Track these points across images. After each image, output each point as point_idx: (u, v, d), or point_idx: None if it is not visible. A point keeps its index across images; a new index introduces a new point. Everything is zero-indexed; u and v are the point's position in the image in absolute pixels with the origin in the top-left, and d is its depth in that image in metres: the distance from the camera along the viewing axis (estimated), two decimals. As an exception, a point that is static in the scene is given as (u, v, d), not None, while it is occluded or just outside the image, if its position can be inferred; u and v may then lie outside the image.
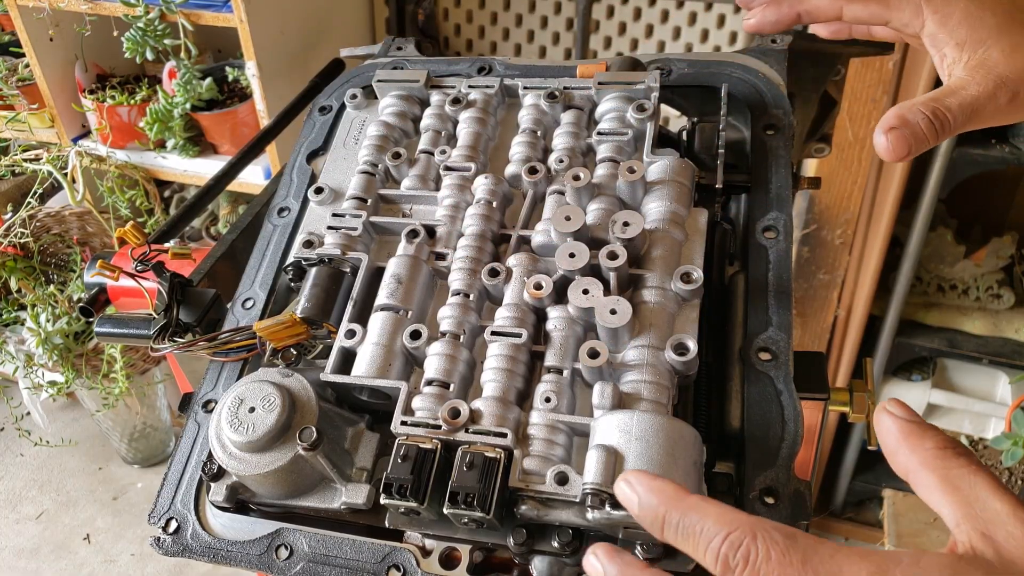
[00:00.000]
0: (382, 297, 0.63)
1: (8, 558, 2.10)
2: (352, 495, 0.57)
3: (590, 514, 0.49)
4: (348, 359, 0.62)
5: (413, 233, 0.66)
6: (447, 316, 0.61)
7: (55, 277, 1.93)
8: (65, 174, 1.88)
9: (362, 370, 0.60)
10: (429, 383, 0.58)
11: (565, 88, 0.73)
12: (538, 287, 0.59)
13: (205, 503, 0.60)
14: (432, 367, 0.58)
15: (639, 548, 0.51)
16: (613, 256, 0.58)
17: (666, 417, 0.50)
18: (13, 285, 1.85)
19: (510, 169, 0.70)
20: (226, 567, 0.58)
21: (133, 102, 1.91)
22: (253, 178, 1.88)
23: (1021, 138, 1.43)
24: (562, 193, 0.66)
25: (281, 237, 0.72)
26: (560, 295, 0.60)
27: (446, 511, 0.51)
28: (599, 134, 0.69)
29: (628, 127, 0.69)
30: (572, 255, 0.59)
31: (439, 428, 0.55)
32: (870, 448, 0.71)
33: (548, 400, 0.55)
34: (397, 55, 0.89)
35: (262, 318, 0.67)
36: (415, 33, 2.01)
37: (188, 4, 1.66)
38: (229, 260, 0.81)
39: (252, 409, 0.56)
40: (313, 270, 0.67)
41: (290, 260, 0.69)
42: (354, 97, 0.80)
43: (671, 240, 0.61)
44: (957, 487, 0.38)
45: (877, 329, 1.71)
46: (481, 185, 0.68)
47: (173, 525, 0.60)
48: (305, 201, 0.74)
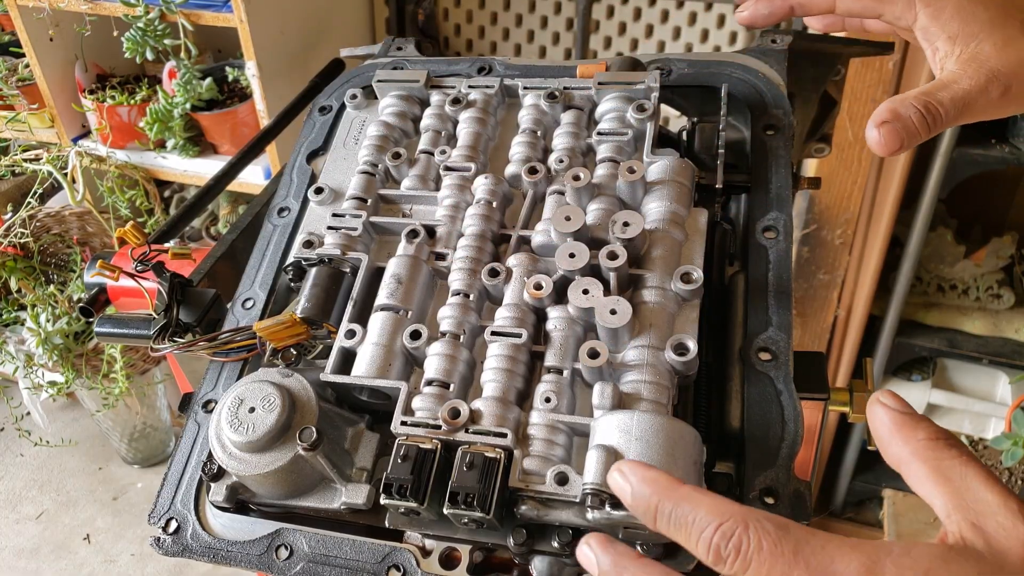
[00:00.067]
0: (382, 297, 0.63)
1: (8, 558, 2.10)
2: (352, 495, 0.57)
3: (590, 514, 0.49)
4: (348, 359, 0.62)
5: (413, 233, 0.66)
6: (447, 316, 0.61)
7: (55, 277, 1.93)
8: (65, 174, 1.88)
9: (362, 370, 0.60)
10: (429, 383, 0.58)
11: (565, 88, 0.73)
12: (538, 287, 0.59)
13: (205, 503, 0.60)
14: (432, 367, 0.58)
15: (640, 548, 0.51)
16: (613, 256, 0.58)
17: (666, 417, 0.50)
18: (13, 285, 1.85)
19: (510, 169, 0.70)
20: (226, 567, 0.58)
21: (133, 102, 1.91)
22: (253, 178, 1.88)
23: (1021, 138, 1.43)
24: (562, 193, 0.66)
25: (281, 237, 0.72)
26: (560, 295, 0.60)
27: (446, 511, 0.51)
28: (599, 134, 0.69)
29: (628, 127, 0.69)
30: (572, 255, 0.59)
31: (439, 428, 0.55)
32: (870, 448, 0.71)
33: (548, 400, 0.55)
34: (397, 55, 0.89)
35: (262, 318, 0.67)
36: (415, 33, 2.01)
37: (188, 4, 1.66)
38: (229, 260, 0.81)
39: (252, 409, 0.56)
40: (313, 270, 0.67)
41: (290, 260, 0.69)
42: (354, 97, 0.80)
43: (671, 240, 0.61)
44: (948, 478, 0.38)
45: (877, 329, 1.71)
46: (481, 185, 0.68)
47: (173, 525, 0.60)
48: (305, 201, 0.74)
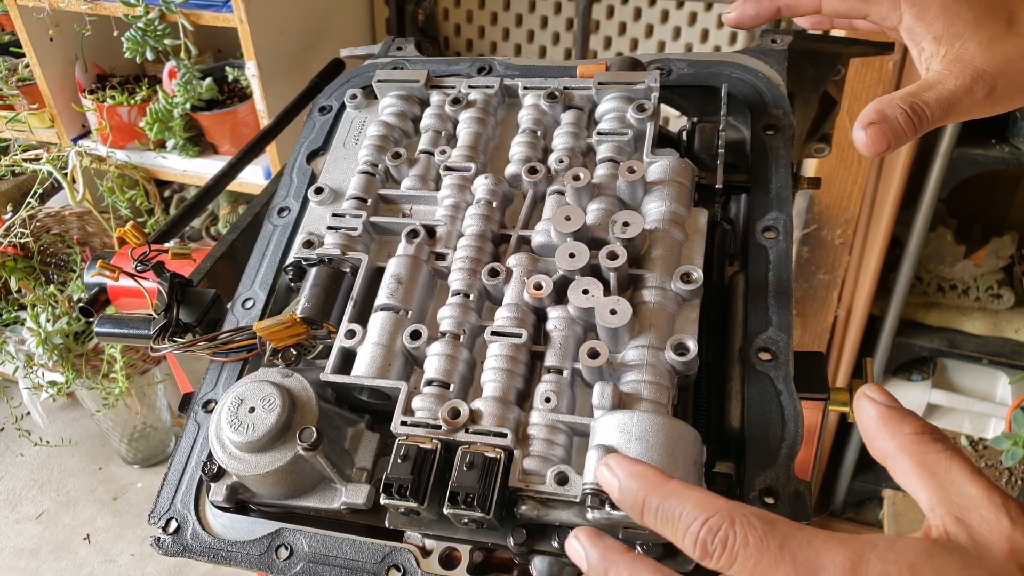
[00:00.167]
0: (382, 297, 0.63)
1: (8, 558, 2.10)
2: (352, 495, 0.57)
3: (590, 514, 0.49)
4: (348, 359, 0.62)
5: (413, 233, 0.66)
6: (447, 316, 0.61)
7: (55, 277, 1.93)
8: (65, 174, 1.88)
9: (362, 370, 0.60)
10: (429, 383, 0.58)
11: (565, 88, 0.73)
12: (538, 287, 0.59)
13: (205, 503, 0.60)
14: (432, 367, 0.58)
15: (639, 548, 0.51)
16: (613, 256, 0.58)
17: (666, 417, 0.50)
18: (13, 285, 1.85)
19: (510, 169, 0.70)
20: (226, 567, 0.58)
21: (133, 102, 1.91)
22: (253, 178, 1.88)
23: (1021, 138, 1.43)
24: (562, 193, 0.66)
25: (281, 237, 0.72)
26: (560, 295, 0.60)
27: (446, 511, 0.51)
28: (599, 134, 0.69)
29: (628, 127, 0.69)
30: (572, 255, 0.59)
31: (439, 428, 0.55)
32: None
33: (548, 400, 0.55)
34: (397, 55, 0.89)
35: (262, 318, 0.67)
36: (415, 33, 2.01)
37: (188, 4, 1.66)
38: (229, 260, 0.81)
39: (252, 409, 0.56)
40: (313, 270, 0.67)
41: (290, 260, 0.69)
42: (354, 97, 0.80)
43: (671, 240, 0.61)
44: (933, 472, 0.38)
45: (877, 329, 1.71)
46: (481, 185, 0.68)
47: (173, 525, 0.60)
48: (305, 201, 0.74)
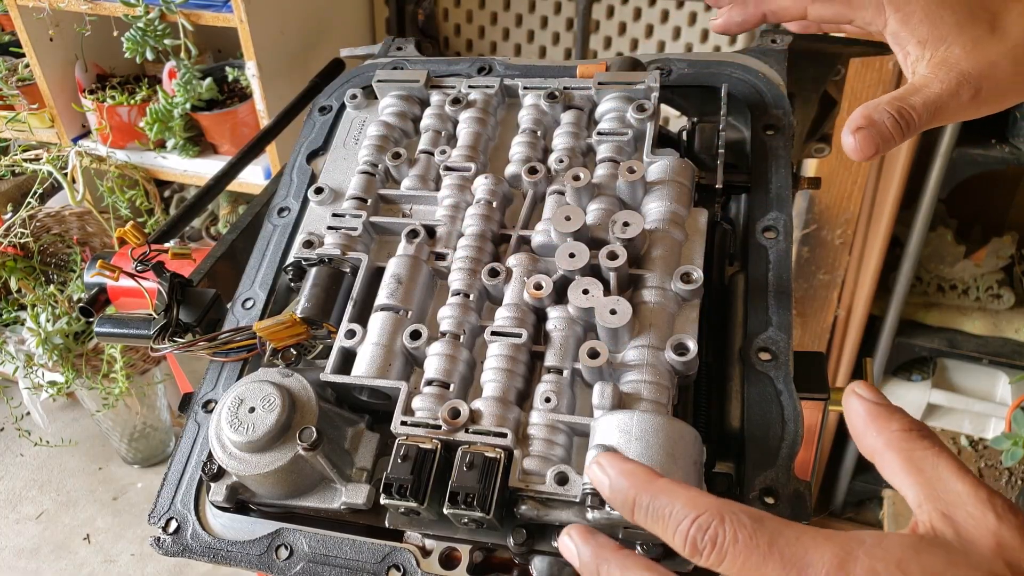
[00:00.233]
0: (382, 297, 0.63)
1: (8, 558, 2.10)
2: (352, 495, 0.57)
3: (590, 514, 0.49)
4: (348, 359, 0.62)
5: (413, 233, 0.66)
6: (447, 316, 0.61)
7: (55, 277, 1.93)
8: (65, 174, 1.88)
9: (362, 370, 0.60)
10: (429, 383, 0.58)
11: (565, 88, 0.73)
12: (538, 287, 0.59)
13: (205, 503, 0.60)
14: (432, 367, 0.58)
15: (639, 548, 0.51)
16: (613, 256, 0.58)
17: (666, 417, 0.50)
18: (13, 285, 1.85)
19: (510, 169, 0.70)
20: (226, 567, 0.58)
21: (133, 102, 1.91)
22: (253, 178, 1.88)
23: (1021, 138, 1.43)
24: (562, 193, 0.66)
25: (281, 237, 0.72)
26: (560, 295, 0.60)
27: (446, 511, 0.51)
28: (599, 134, 0.69)
29: (628, 127, 0.69)
30: (572, 255, 0.59)
31: (439, 428, 0.55)
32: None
33: (548, 400, 0.55)
34: (397, 55, 0.89)
35: (262, 318, 0.67)
36: (415, 33, 2.01)
37: (188, 4, 1.66)
38: (229, 260, 0.81)
39: (252, 409, 0.56)
40: (313, 270, 0.67)
41: (290, 260, 0.69)
42: (354, 97, 0.80)
43: (671, 240, 0.61)
44: (920, 468, 0.39)
45: (877, 329, 1.71)
46: (481, 185, 0.68)
47: (173, 525, 0.60)
48: (305, 201, 0.74)
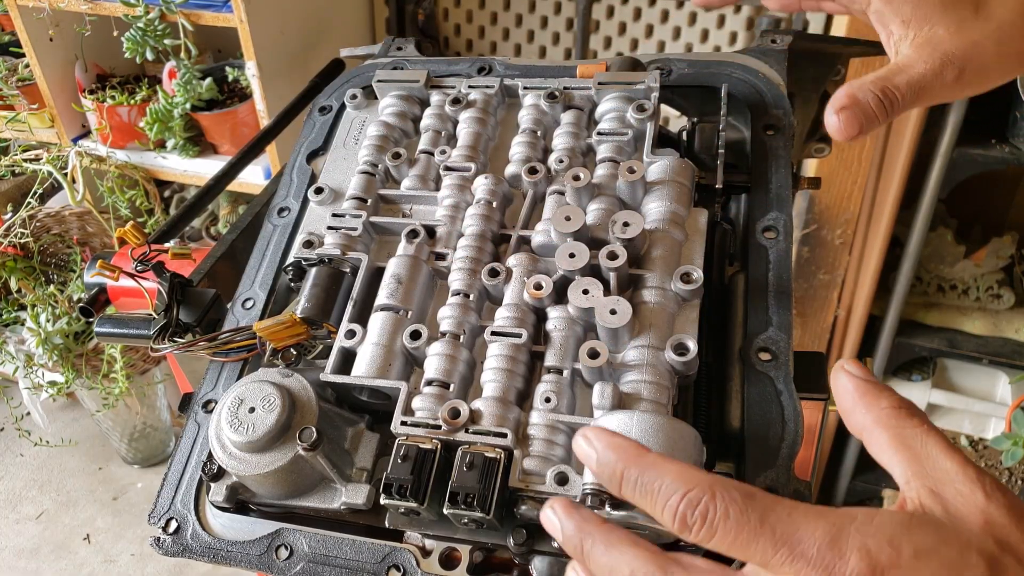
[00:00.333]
0: (382, 297, 0.63)
1: (8, 558, 2.10)
2: (352, 495, 0.57)
3: (590, 514, 0.49)
4: (348, 359, 0.62)
5: (413, 233, 0.66)
6: (447, 316, 0.61)
7: (55, 277, 1.93)
8: (65, 174, 1.88)
9: (362, 370, 0.60)
10: (429, 383, 0.58)
11: (565, 88, 0.73)
12: (538, 287, 0.59)
13: (205, 503, 0.60)
14: (432, 367, 0.58)
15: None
16: (613, 256, 0.58)
17: (666, 417, 0.50)
18: (13, 285, 1.85)
19: (510, 169, 0.70)
20: (226, 567, 0.58)
21: (133, 102, 1.91)
22: (253, 178, 1.88)
23: (1021, 138, 1.43)
24: (562, 193, 0.66)
25: (281, 237, 0.72)
26: (560, 295, 0.60)
27: (446, 511, 0.51)
28: (599, 134, 0.69)
29: (628, 127, 0.69)
30: (572, 255, 0.59)
31: (439, 428, 0.55)
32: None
33: (548, 400, 0.55)
34: (397, 55, 0.89)
35: (262, 318, 0.67)
36: (415, 33, 2.01)
37: (188, 4, 1.66)
38: (229, 260, 0.81)
39: (252, 409, 0.56)
40: (313, 270, 0.67)
41: (290, 260, 0.69)
42: (354, 97, 0.80)
43: (671, 240, 0.61)
44: (909, 445, 0.38)
45: (877, 329, 1.71)
46: (481, 185, 0.68)
47: (173, 525, 0.60)
48: (305, 201, 0.74)
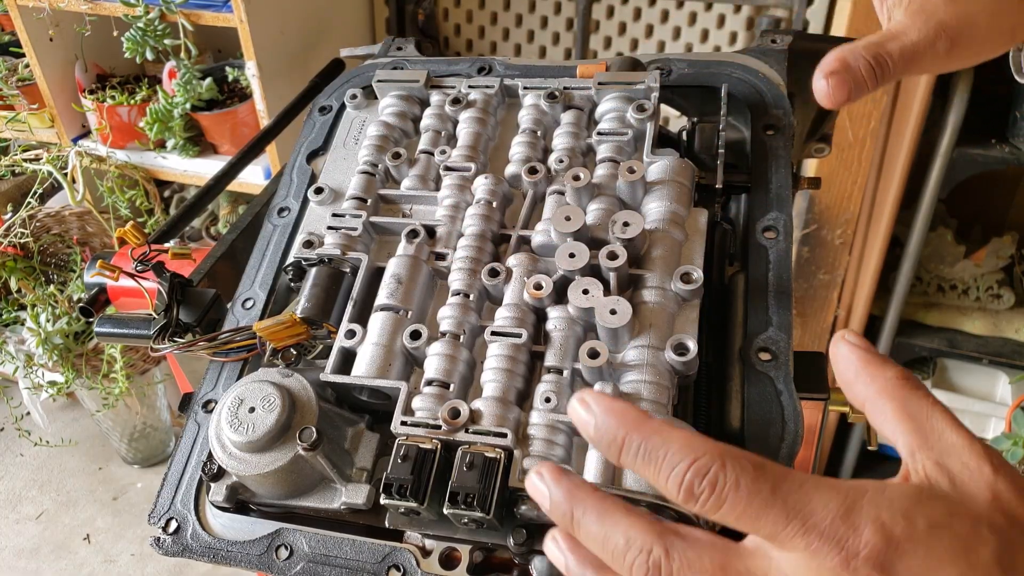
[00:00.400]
0: (382, 297, 0.63)
1: (8, 558, 2.10)
2: (352, 495, 0.57)
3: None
4: (348, 359, 0.62)
5: (413, 233, 0.66)
6: (447, 316, 0.61)
7: (55, 277, 1.93)
8: (65, 174, 1.88)
9: (362, 370, 0.60)
10: (429, 383, 0.58)
11: (565, 88, 0.73)
12: (538, 287, 0.59)
13: (205, 503, 0.60)
14: (432, 367, 0.58)
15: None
16: (613, 256, 0.58)
17: (666, 417, 0.50)
18: (13, 285, 1.85)
19: (510, 169, 0.70)
20: (226, 567, 0.58)
21: (133, 102, 1.91)
22: (253, 178, 1.88)
23: (1021, 138, 1.43)
24: (562, 193, 0.66)
25: (281, 237, 0.72)
26: (560, 295, 0.60)
27: (446, 511, 0.51)
28: (599, 134, 0.69)
29: (628, 127, 0.69)
30: (572, 255, 0.59)
31: (439, 428, 0.55)
32: (870, 448, 0.71)
33: (548, 400, 0.55)
34: (397, 55, 0.89)
35: (262, 318, 0.67)
36: (415, 33, 2.01)
37: (188, 4, 1.66)
38: (229, 260, 0.81)
39: (252, 409, 0.56)
40: (313, 270, 0.67)
41: (290, 260, 0.69)
42: (354, 97, 0.80)
43: (671, 240, 0.61)
44: (915, 416, 0.38)
45: (877, 329, 1.71)
46: (481, 185, 0.68)
47: (173, 525, 0.60)
48: (305, 201, 0.74)
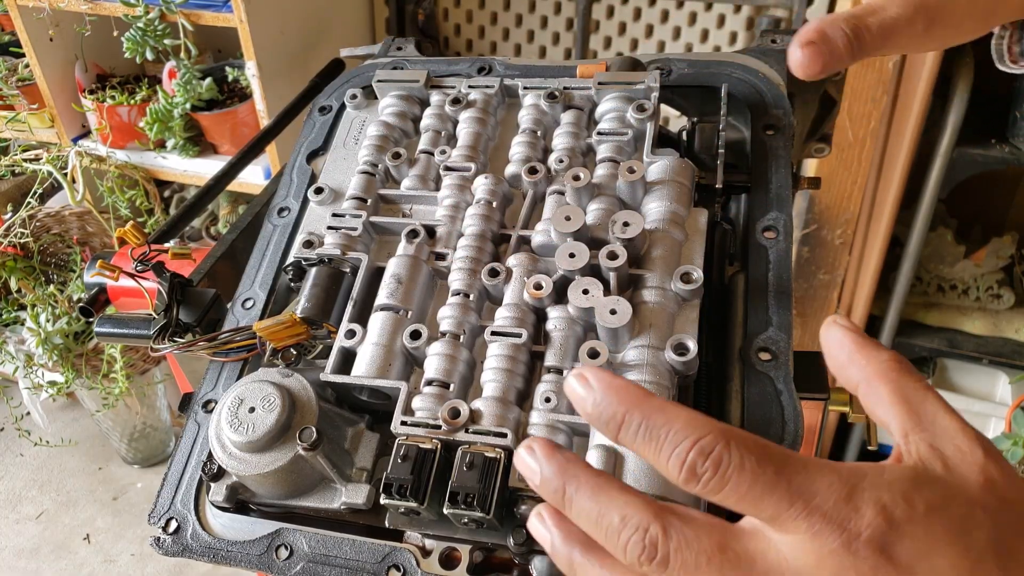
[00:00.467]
0: (382, 297, 0.63)
1: (8, 558, 2.10)
2: (352, 495, 0.57)
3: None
4: (348, 359, 0.62)
5: (413, 233, 0.66)
6: (447, 316, 0.61)
7: (55, 277, 1.93)
8: (65, 174, 1.88)
9: (362, 370, 0.60)
10: (429, 383, 0.58)
11: (565, 88, 0.73)
12: (538, 287, 0.59)
13: (205, 503, 0.60)
14: (432, 367, 0.58)
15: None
16: (613, 256, 0.58)
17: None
18: (13, 285, 1.85)
19: (510, 169, 0.70)
20: (226, 567, 0.58)
21: (133, 102, 1.91)
22: (253, 178, 1.88)
23: (1021, 138, 1.43)
24: (562, 193, 0.66)
25: (281, 237, 0.72)
26: (560, 295, 0.60)
27: (446, 511, 0.51)
28: (599, 134, 0.69)
29: (628, 127, 0.69)
30: (572, 255, 0.59)
31: (439, 428, 0.55)
32: (870, 448, 0.71)
33: (548, 400, 0.55)
34: (397, 55, 0.89)
35: (262, 318, 0.67)
36: (415, 33, 2.01)
37: (188, 4, 1.66)
38: (229, 260, 0.81)
39: (252, 409, 0.56)
40: (313, 270, 0.67)
41: (290, 260, 0.69)
42: (354, 97, 0.80)
43: (671, 240, 0.61)
44: (909, 399, 0.38)
45: (877, 329, 1.71)
46: (481, 185, 0.68)
47: (173, 525, 0.60)
48: (305, 201, 0.74)
